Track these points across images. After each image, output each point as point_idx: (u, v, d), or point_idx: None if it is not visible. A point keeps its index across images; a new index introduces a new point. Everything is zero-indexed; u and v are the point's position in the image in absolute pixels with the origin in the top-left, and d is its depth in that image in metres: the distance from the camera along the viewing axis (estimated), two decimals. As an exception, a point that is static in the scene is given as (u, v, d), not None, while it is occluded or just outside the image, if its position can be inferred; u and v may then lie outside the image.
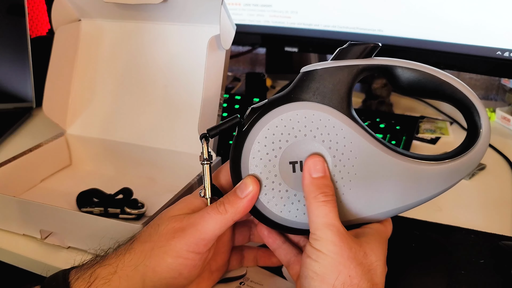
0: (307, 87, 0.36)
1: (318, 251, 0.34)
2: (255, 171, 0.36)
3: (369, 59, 0.36)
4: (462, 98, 0.37)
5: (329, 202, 0.35)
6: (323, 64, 0.36)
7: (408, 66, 0.36)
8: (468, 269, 0.44)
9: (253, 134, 0.36)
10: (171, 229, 0.35)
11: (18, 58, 0.82)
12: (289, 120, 0.35)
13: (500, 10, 0.63)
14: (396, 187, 0.37)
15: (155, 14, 0.58)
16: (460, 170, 0.38)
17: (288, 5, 0.76)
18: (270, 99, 0.37)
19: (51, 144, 0.62)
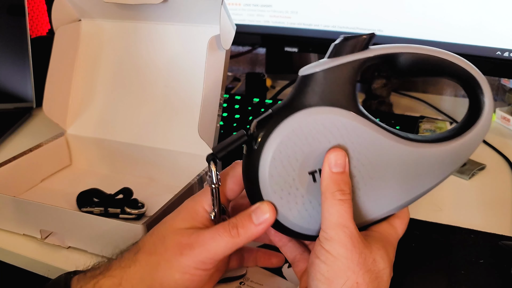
0: (311, 91, 0.34)
1: (328, 253, 0.33)
2: (275, 189, 0.34)
3: (367, 50, 0.35)
4: (465, 75, 0.36)
5: (345, 201, 0.33)
6: (321, 64, 0.34)
7: (409, 51, 0.35)
8: (468, 269, 0.44)
9: (267, 152, 0.34)
10: (178, 244, 0.35)
11: (18, 58, 0.82)
12: (301, 130, 0.34)
13: (500, 10, 0.63)
14: (410, 176, 0.36)
15: (155, 14, 0.58)
16: (468, 147, 0.37)
17: (288, 5, 0.76)
18: (276, 110, 0.35)
19: (51, 144, 0.62)
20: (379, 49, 0.35)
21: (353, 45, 0.34)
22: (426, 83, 0.93)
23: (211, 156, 0.36)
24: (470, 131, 0.37)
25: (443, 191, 0.58)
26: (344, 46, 0.34)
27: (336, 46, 0.34)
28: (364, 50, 0.34)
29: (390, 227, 0.36)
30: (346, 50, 0.34)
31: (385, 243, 0.35)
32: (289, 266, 0.45)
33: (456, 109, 0.83)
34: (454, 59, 0.36)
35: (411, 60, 0.35)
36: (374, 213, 0.36)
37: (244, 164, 0.36)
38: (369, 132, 0.34)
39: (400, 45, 0.35)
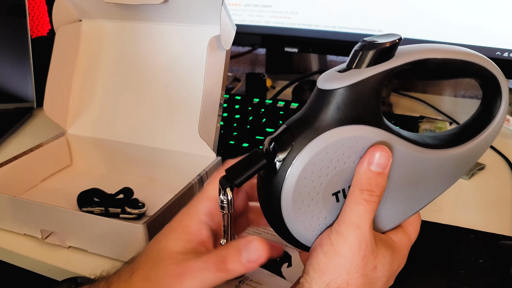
0: (335, 108, 0.31)
1: (331, 245, 0.32)
2: (298, 214, 0.32)
3: (393, 59, 0.31)
4: (487, 76, 0.35)
5: (371, 203, 0.32)
6: (344, 78, 0.31)
7: (436, 56, 0.33)
8: (467, 268, 0.44)
9: (291, 178, 0.31)
10: (169, 274, 0.34)
11: (19, 58, 0.82)
12: (327, 154, 0.31)
13: (499, 10, 0.63)
14: (427, 183, 0.35)
15: (156, 14, 0.58)
16: (480, 149, 0.36)
17: (288, 6, 0.76)
18: (295, 128, 0.31)
19: (51, 144, 0.62)
20: (405, 56, 0.32)
21: (379, 54, 0.31)
22: (426, 84, 0.93)
23: (227, 183, 0.32)
24: (483, 133, 0.36)
25: (443, 191, 0.58)
26: (369, 55, 0.31)
27: (359, 54, 0.31)
28: (390, 58, 0.31)
29: (405, 235, 0.36)
30: (371, 60, 0.31)
31: (394, 252, 0.34)
32: (288, 266, 0.45)
33: (456, 109, 0.83)
34: (479, 60, 0.34)
35: (437, 64, 0.33)
36: (391, 224, 0.35)
37: (262, 188, 0.33)
38: (395, 147, 0.33)
39: (425, 49, 0.33)
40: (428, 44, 0.33)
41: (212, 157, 0.55)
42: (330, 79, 0.31)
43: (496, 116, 0.36)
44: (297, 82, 0.86)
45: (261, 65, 1.06)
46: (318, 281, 0.32)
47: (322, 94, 0.31)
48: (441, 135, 0.37)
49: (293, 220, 0.32)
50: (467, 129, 0.37)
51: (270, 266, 0.45)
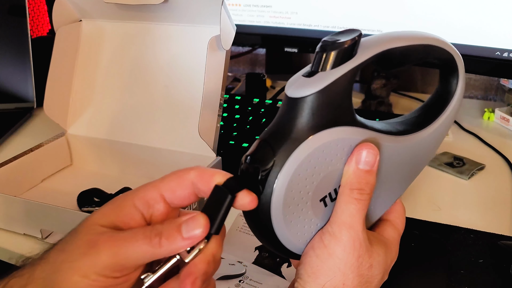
0: (310, 115, 0.30)
1: (324, 247, 0.32)
2: (289, 226, 0.31)
3: (358, 56, 0.31)
4: (446, 57, 0.35)
5: (361, 201, 0.31)
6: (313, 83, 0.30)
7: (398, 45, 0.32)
8: (467, 268, 0.44)
9: (278, 194, 0.30)
10: (86, 242, 0.29)
11: (19, 58, 0.82)
12: (309, 162, 0.30)
13: (499, 10, 0.63)
14: (405, 169, 0.35)
15: (156, 14, 0.58)
16: (445, 128, 0.37)
17: (288, 6, 0.76)
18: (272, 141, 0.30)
19: (52, 144, 0.62)
20: (368, 50, 0.31)
21: (343, 54, 0.30)
22: (426, 83, 0.93)
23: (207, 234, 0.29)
24: (446, 112, 0.36)
25: (443, 191, 0.58)
26: (333, 56, 0.30)
27: (323, 57, 0.30)
28: (354, 55, 0.31)
29: (394, 230, 0.36)
30: (336, 60, 0.30)
31: (388, 248, 0.34)
32: (288, 266, 0.45)
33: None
34: (438, 42, 0.35)
35: (400, 53, 0.33)
36: (377, 215, 0.36)
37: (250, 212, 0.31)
38: (379, 140, 0.33)
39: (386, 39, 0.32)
40: (386, 34, 0.33)
41: (212, 157, 0.55)
42: (299, 86, 0.31)
43: (455, 94, 0.36)
44: (297, 82, 0.86)
45: (261, 65, 1.06)
46: (312, 284, 0.32)
47: (294, 102, 0.30)
48: (407, 119, 0.37)
49: (285, 233, 0.32)
50: (429, 110, 0.37)
51: (270, 266, 0.45)
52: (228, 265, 0.46)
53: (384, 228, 0.36)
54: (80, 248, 0.29)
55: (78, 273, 0.29)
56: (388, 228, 0.36)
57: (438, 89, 0.38)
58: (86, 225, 0.31)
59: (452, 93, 0.36)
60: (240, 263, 0.46)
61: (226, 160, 0.57)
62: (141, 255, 0.29)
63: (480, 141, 0.71)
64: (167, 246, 0.29)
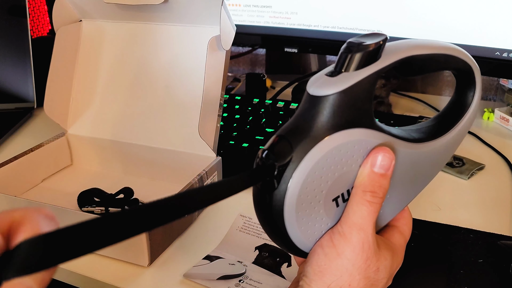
0: (330, 114, 0.30)
1: (333, 247, 0.32)
2: (300, 224, 0.31)
3: (381, 60, 0.31)
4: (464, 67, 0.36)
5: (374, 204, 0.31)
6: (336, 83, 0.30)
7: (421, 52, 0.33)
8: (467, 268, 0.44)
9: (293, 190, 0.30)
10: None
11: (19, 58, 0.82)
12: (326, 161, 0.30)
13: (499, 10, 0.63)
14: (416, 176, 0.36)
15: (156, 15, 0.58)
16: (458, 139, 0.37)
17: (287, 6, 0.76)
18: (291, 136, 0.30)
19: (52, 144, 0.62)
20: (392, 55, 0.32)
21: (368, 56, 0.31)
22: (426, 84, 0.93)
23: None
24: (461, 122, 0.36)
25: (442, 191, 0.58)
26: (358, 58, 0.30)
27: (348, 57, 0.31)
28: (378, 59, 0.31)
29: (401, 236, 0.36)
30: (361, 62, 0.30)
31: (394, 253, 0.34)
32: (288, 266, 0.45)
33: (456, 110, 0.83)
34: (458, 53, 0.35)
35: (421, 61, 0.33)
36: (385, 220, 0.36)
37: (261, 201, 0.32)
38: (396, 146, 0.33)
39: (409, 46, 0.33)
40: (410, 41, 0.33)
41: (212, 157, 0.55)
42: (322, 84, 0.31)
43: (471, 106, 0.37)
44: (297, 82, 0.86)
45: (261, 65, 1.06)
46: (318, 282, 0.32)
47: (315, 100, 0.31)
48: (423, 127, 0.37)
49: (296, 231, 0.32)
50: (444, 120, 0.37)
51: (270, 266, 0.45)
52: (228, 265, 0.46)
53: (391, 233, 0.36)
54: None
55: None
56: (395, 234, 0.36)
57: (453, 99, 0.38)
58: None
59: (468, 104, 0.37)
60: (240, 263, 0.46)
61: (226, 160, 0.57)
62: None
63: (479, 141, 0.71)
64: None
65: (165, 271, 0.46)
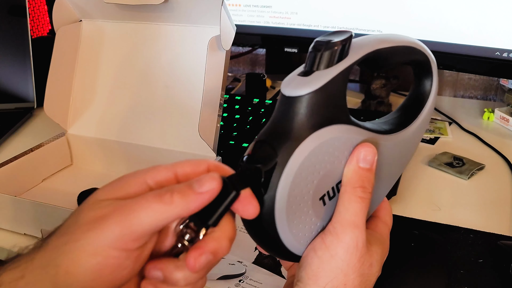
0: (307, 113, 0.30)
1: (326, 248, 0.31)
2: (293, 228, 0.31)
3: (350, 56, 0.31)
4: (422, 59, 0.37)
5: (364, 200, 0.32)
6: (312, 82, 0.30)
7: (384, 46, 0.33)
8: (467, 268, 0.44)
9: (282, 194, 0.30)
10: (91, 218, 0.27)
11: (19, 58, 0.82)
12: (310, 160, 0.30)
13: (499, 10, 0.63)
14: (393, 166, 0.36)
15: (156, 15, 0.58)
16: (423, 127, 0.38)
17: (288, 6, 0.76)
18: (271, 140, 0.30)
19: (52, 144, 0.62)
20: (358, 51, 0.32)
21: (338, 53, 0.31)
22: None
23: (201, 224, 0.28)
24: (423, 112, 0.38)
25: (442, 191, 0.59)
26: (328, 56, 0.31)
27: (318, 56, 0.31)
28: (346, 56, 0.31)
29: (384, 225, 0.36)
30: (331, 60, 0.31)
31: (382, 245, 0.34)
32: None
33: (455, 109, 0.83)
34: (416, 44, 0.36)
35: (385, 54, 0.34)
36: (370, 212, 0.36)
37: None
38: (371, 138, 0.34)
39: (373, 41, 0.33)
40: (373, 36, 0.34)
41: (212, 157, 0.55)
42: (297, 85, 0.31)
43: (430, 95, 0.38)
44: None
45: (261, 65, 1.06)
46: (313, 286, 0.31)
47: (292, 101, 0.31)
48: (390, 119, 0.38)
49: (288, 235, 0.31)
50: (408, 111, 0.38)
51: (270, 266, 0.45)
52: (228, 265, 0.46)
53: (376, 224, 0.36)
54: (86, 225, 0.27)
55: (87, 251, 0.26)
56: (379, 224, 0.36)
57: (413, 91, 0.39)
58: (89, 203, 0.28)
59: (427, 94, 0.38)
60: (240, 263, 0.46)
61: (226, 160, 0.57)
62: (153, 216, 0.26)
63: (479, 141, 0.71)
64: (179, 201, 0.27)
65: (165, 271, 0.46)
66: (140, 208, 0.26)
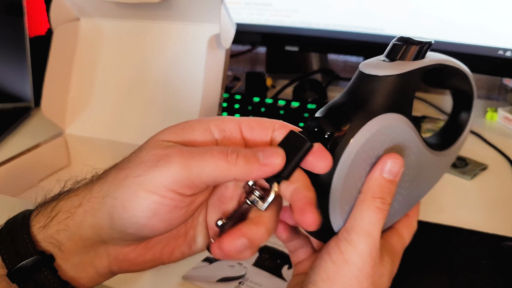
0: (385, 95, 0.31)
1: (341, 254, 0.31)
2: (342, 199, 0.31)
3: (427, 59, 0.34)
4: (468, 90, 0.38)
5: (382, 211, 0.31)
6: (395, 67, 0.32)
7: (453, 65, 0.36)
8: (469, 269, 0.44)
9: (347, 160, 0.30)
10: (154, 156, 0.28)
11: (16, 57, 0.81)
12: (375, 137, 0.31)
13: (502, 9, 0.63)
14: (423, 182, 0.37)
15: (155, 13, 0.57)
16: (455, 154, 0.40)
17: (288, 4, 0.75)
18: (350, 111, 0.31)
19: (49, 144, 0.62)
20: (434, 58, 0.34)
21: (419, 51, 0.33)
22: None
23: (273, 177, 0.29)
24: (460, 139, 0.39)
25: (445, 191, 0.58)
26: (412, 50, 0.33)
27: (403, 48, 0.33)
28: (423, 58, 0.33)
29: (400, 238, 0.35)
30: (413, 54, 0.33)
31: (394, 256, 0.34)
32: (289, 268, 0.45)
33: (458, 109, 0.82)
34: (470, 77, 0.38)
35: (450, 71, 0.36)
36: (388, 224, 0.35)
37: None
38: (418, 143, 0.34)
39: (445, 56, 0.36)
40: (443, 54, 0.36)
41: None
42: (379, 66, 0.32)
43: (467, 126, 0.40)
44: (298, 81, 0.86)
45: (261, 64, 1.06)
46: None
47: (373, 79, 0.32)
48: (433, 137, 0.39)
49: (336, 203, 0.31)
50: (447, 134, 0.40)
51: (270, 268, 0.45)
52: (228, 267, 0.45)
53: (391, 236, 0.35)
54: (147, 162, 0.27)
55: (146, 188, 0.27)
56: (395, 236, 0.35)
57: (453, 117, 0.41)
58: (152, 142, 0.29)
59: (464, 123, 0.40)
60: (240, 265, 0.46)
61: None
62: (214, 171, 0.27)
63: (482, 141, 0.70)
64: (242, 165, 0.27)
65: (164, 273, 0.45)
66: (205, 159, 0.27)
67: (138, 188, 0.27)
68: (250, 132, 0.30)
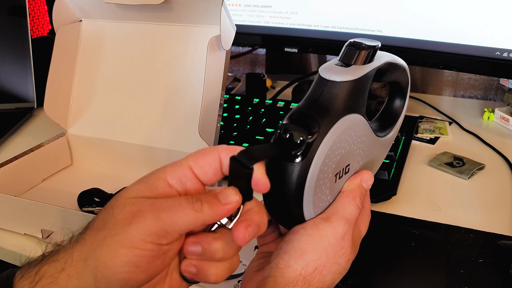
0: (346, 98, 0.35)
1: (317, 230, 0.35)
2: (314, 199, 0.35)
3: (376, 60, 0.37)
4: (404, 84, 0.42)
5: (358, 208, 0.37)
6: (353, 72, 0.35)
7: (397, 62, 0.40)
8: (467, 268, 0.44)
9: (318, 161, 0.33)
10: (127, 213, 0.29)
11: (19, 58, 0.82)
12: (341, 138, 0.35)
13: (499, 10, 0.63)
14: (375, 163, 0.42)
15: (156, 15, 0.58)
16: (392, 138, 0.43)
17: (288, 6, 0.76)
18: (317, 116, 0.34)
19: (52, 144, 0.62)
20: (381, 58, 0.38)
21: (370, 54, 0.36)
22: (425, 83, 0.93)
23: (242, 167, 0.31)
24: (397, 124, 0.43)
25: (443, 191, 0.58)
26: (365, 54, 0.36)
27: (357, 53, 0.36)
28: (373, 60, 0.37)
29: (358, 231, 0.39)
30: (366, 58, 0.36)
31: (356, 246, 0.38)
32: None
33: (455, 109, 0.83)
34: (407, 69, 0.41)
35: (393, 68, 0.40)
36: None
37: (283, 170, 0.33)
38: (370, 134, 0.39)
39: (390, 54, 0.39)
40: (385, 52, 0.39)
41: (212, 157, 0.55)
42: (339, 72, 0.35)
43: (402, 112, 0.44)
44: (297, 82, 0.86)
45: (261, 65, 1.06)
46: (298, 259, 0.34)
47: (332, 85, 0.35)
48: (374, 123, 0.43)
49: (310, 201, 0.34)
50: (384, 121, 0.43)
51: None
52: (228, 265, 0.45)
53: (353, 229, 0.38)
54: (122, 220, 0.29)
55: (125, 244, 0.29)
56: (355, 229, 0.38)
57: (389, 104, 0.44)
58: (122, 200, 0.31)
59: (399, 112, 0.44)
60: (240, 263, 0.46)
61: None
62: (185, 220, 0.29)
63: (480, 141, 0.71)
64: (208, 210, 0.30)
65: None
66: (175, 211, 0.29)
67: (118, 246, 0.29)
68: (201, 172, 0.32)
